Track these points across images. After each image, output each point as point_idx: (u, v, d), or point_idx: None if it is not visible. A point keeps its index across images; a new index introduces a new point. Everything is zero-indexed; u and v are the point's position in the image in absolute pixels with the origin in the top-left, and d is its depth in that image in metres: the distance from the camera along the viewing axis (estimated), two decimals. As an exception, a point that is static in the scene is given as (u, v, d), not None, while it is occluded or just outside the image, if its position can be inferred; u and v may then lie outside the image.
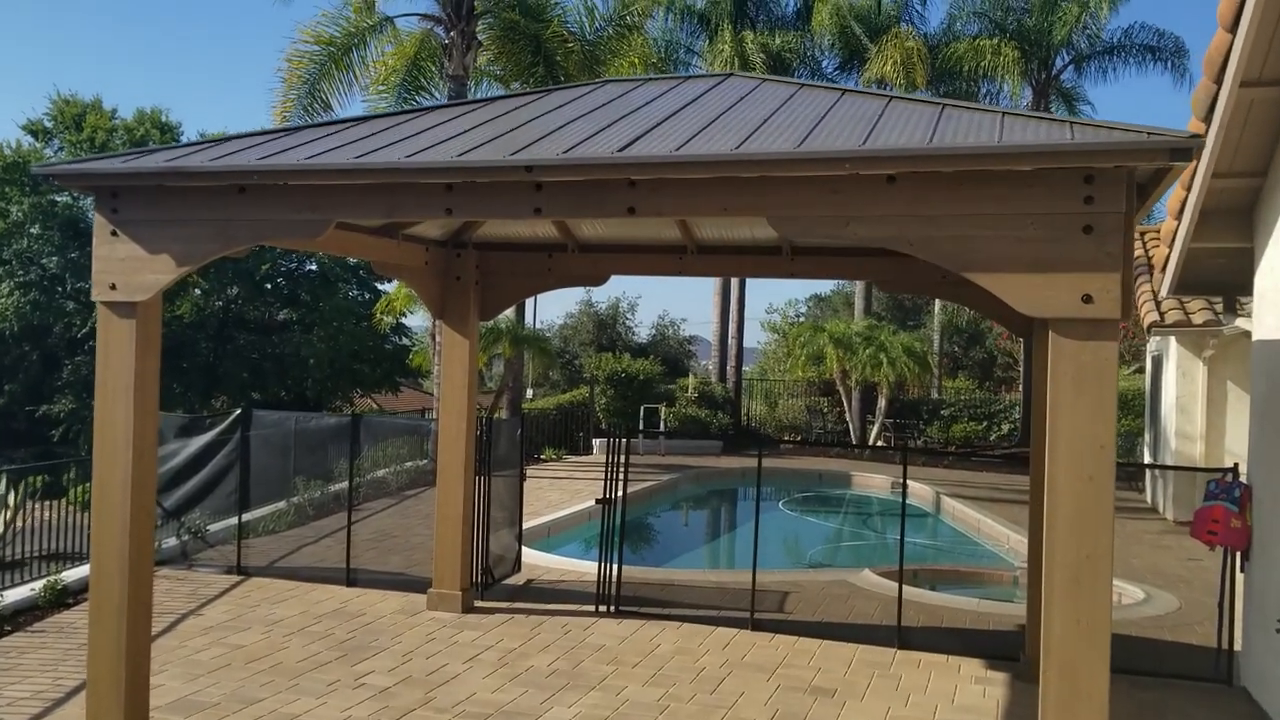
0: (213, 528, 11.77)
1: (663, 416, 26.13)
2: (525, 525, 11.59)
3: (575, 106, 6.47)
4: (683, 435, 26.68)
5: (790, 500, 19.80)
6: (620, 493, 9.78)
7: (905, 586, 11.81)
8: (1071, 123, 4.80)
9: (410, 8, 27.89)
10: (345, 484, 15.22)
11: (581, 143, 5.32)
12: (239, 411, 11.17)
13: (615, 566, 9.65)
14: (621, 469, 9.75)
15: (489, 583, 10.12)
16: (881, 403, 28.10)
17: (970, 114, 5.22)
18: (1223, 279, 9.09)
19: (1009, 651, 8.68)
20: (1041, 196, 4.54)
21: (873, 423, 28.91)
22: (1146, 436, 21.68)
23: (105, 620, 5.92)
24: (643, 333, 43.09)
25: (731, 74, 7.40)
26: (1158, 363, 20.40)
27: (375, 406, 36.99)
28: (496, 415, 23.85)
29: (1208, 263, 8.98)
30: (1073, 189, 4.50)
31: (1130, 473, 23.14)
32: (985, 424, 32.28)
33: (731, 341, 30.99)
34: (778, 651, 8.59)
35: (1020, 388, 41.01)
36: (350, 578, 10.38)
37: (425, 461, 19.55)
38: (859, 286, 30.52)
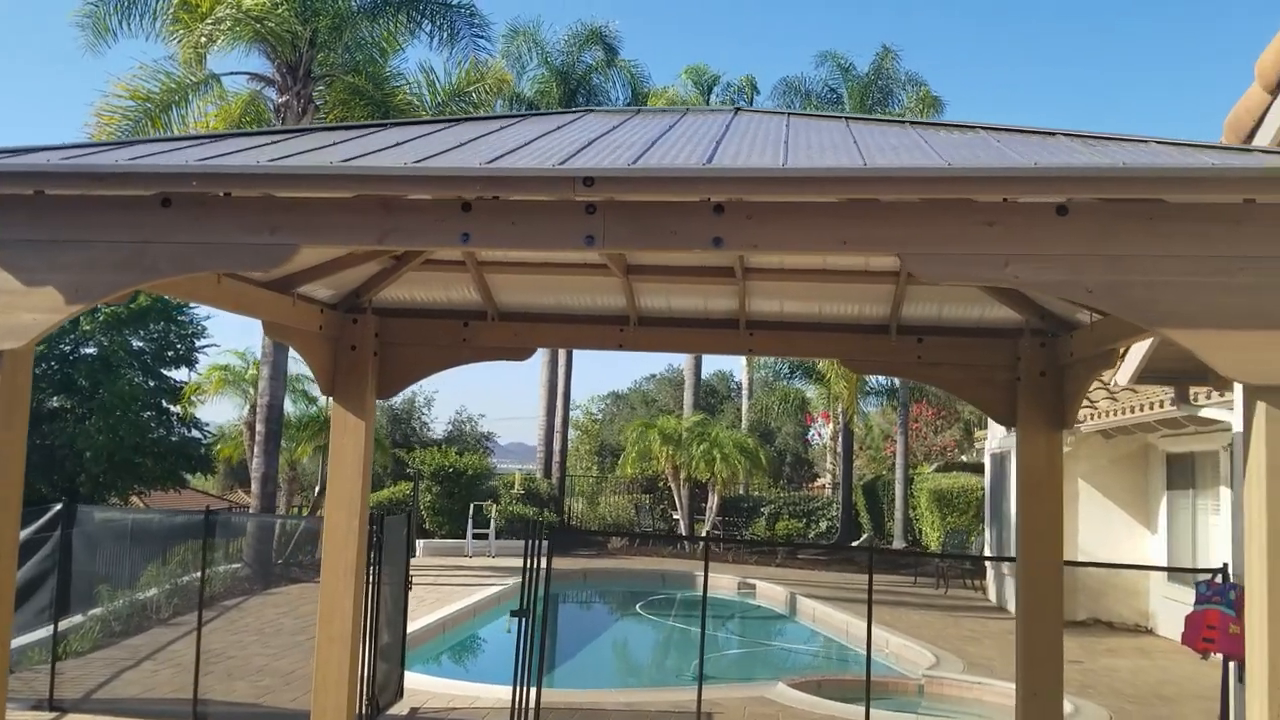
0: (3, 651, 9.54)
1: (492, 515, 24.51)
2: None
3: (581, 127, 5.30)
4: (510, 534, 25.12)
5: (646, 604, 18.61)
6: (541, 603, 8.40)
7: (822, 699, 10.85)
8: (1247, 150, 4.02)
9: (239, 66, 25.95)
10: (152, 593, 13.11)
11: (645, 153, 4.16)
12: (59, 507, 9.15)
13: (534, 690, 8.21)
14: (540, 574, 8.39)
15: (374, 714, 8.46)
16: (713, 500, 27.45)
17: (1117, 144, 4.36)
18: (1178, 367, 8.68)
19: (990, 777, 7.74)
20: (1255, 236, 3.71)
21: (702, 520, 28.18)
22: (988, 534, 21.74)
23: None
24: (439, 428, 41.39)
25: (740, 108, 6.42)
26: (1001, 460, 20.52)
27: (143, 505, 33.58)
28: (319, 514, 21.71)
29: (1165, 350, 8.55)
30: (1291, 227, 3.69)
31: (967, 570, 23.20)
32: (805, 521, 32.15)
33: (557, 436, 29.77)
34: (740, 789, 7.35)
35: (829, 484, 41.51)
36: (198, 712, 8.48)
37: (239, 565, 17.36)
38: (688, 380, 30.00)
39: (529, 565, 8.46)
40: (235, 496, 40.17)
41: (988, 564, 21.57)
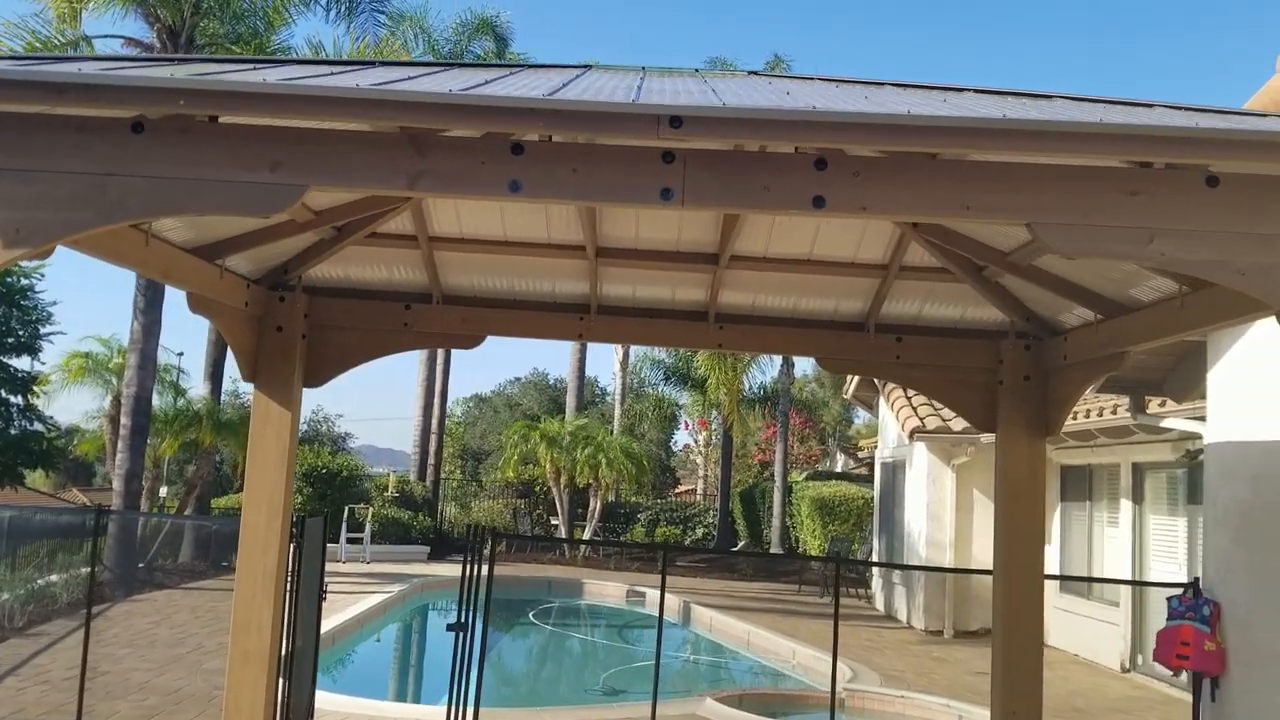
0: None
1: (367, 519, 23.36)
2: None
3: (602, 77, 4.64)
4: (384, 539, 24.02)
5: (538, 612, 17.89)
6: (481, 615, 7.67)
7: (751, 715, 10.37)
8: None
9: (114, 29, 24.14)
10: (4, 598, 11.84)
11: (720, 97, 3.55)
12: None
13: (472, 711, 7.47)
14: (483, 583, 7.66)
15: (287, 738, 7.57)
16: (595, 505, 26.86)
17: (1213, 114, 3.95)
18: (1136, 377, 8.52)
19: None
20: None
21: (582, 526, 27.57)
22: (877, 543, 21.69)
23: None
24: (294, 427, 39.70)
25: (755, 73, 5.85)
26: (893, 469, 20.50)
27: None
28: (186, 513, 20.30)
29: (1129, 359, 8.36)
30: None
31: (850, 578, 23.18)
32: (682, 528, 31.86)
33: (433, 437, 28.73)
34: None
35: (701, 491, 41.41)
36: (82, 739, 7.45)
37: (102, 569, 15.95)
38: (572, 383, 29.37)
39: (469, 574, 7.72)
40: (70, 495, 37.63)
41: (875, 572, 21.57)
